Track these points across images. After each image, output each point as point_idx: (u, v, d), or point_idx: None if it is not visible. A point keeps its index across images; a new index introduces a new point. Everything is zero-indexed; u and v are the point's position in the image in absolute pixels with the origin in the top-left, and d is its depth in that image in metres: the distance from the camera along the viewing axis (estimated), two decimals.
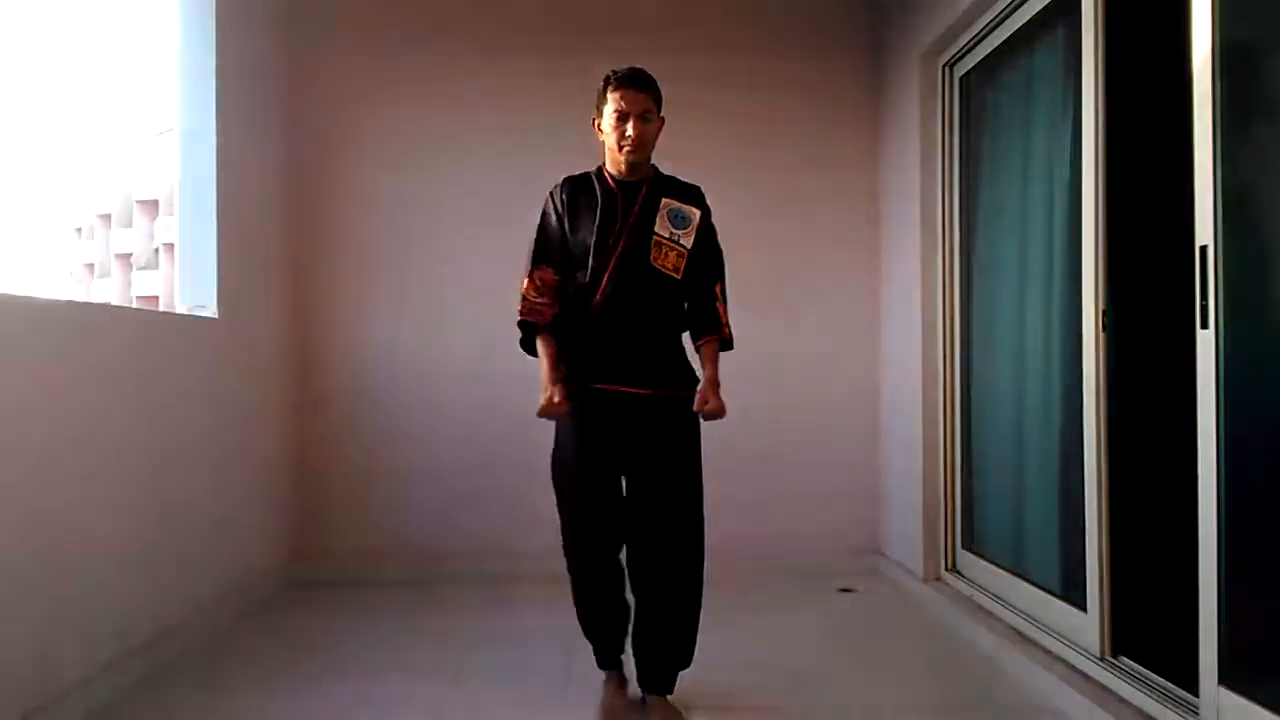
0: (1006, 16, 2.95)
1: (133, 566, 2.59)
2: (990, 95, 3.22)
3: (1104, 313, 2.43)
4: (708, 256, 2.33)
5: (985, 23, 3.05)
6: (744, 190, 3.93)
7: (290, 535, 3.75)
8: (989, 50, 3.12)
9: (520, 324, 2.29)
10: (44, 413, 2.21)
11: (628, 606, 2.37)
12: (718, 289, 2.36)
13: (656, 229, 2.22)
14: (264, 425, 3.52)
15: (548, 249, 2.29)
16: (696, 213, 2.28)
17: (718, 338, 2.34)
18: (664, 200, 2.26)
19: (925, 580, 3.45)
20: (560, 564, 2.41)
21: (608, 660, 2.44)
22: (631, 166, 2.24)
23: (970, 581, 3.24)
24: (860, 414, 3.95)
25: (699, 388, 2.27)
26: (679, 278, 2.24)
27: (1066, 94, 2.63)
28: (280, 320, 3.68)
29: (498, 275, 3.83)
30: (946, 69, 3.44)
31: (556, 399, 2.16)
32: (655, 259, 2.21)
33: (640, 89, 2.19)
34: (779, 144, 3.95)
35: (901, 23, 3.67)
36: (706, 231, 2.31)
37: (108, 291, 31.09)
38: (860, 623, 3.22)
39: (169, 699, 2.45)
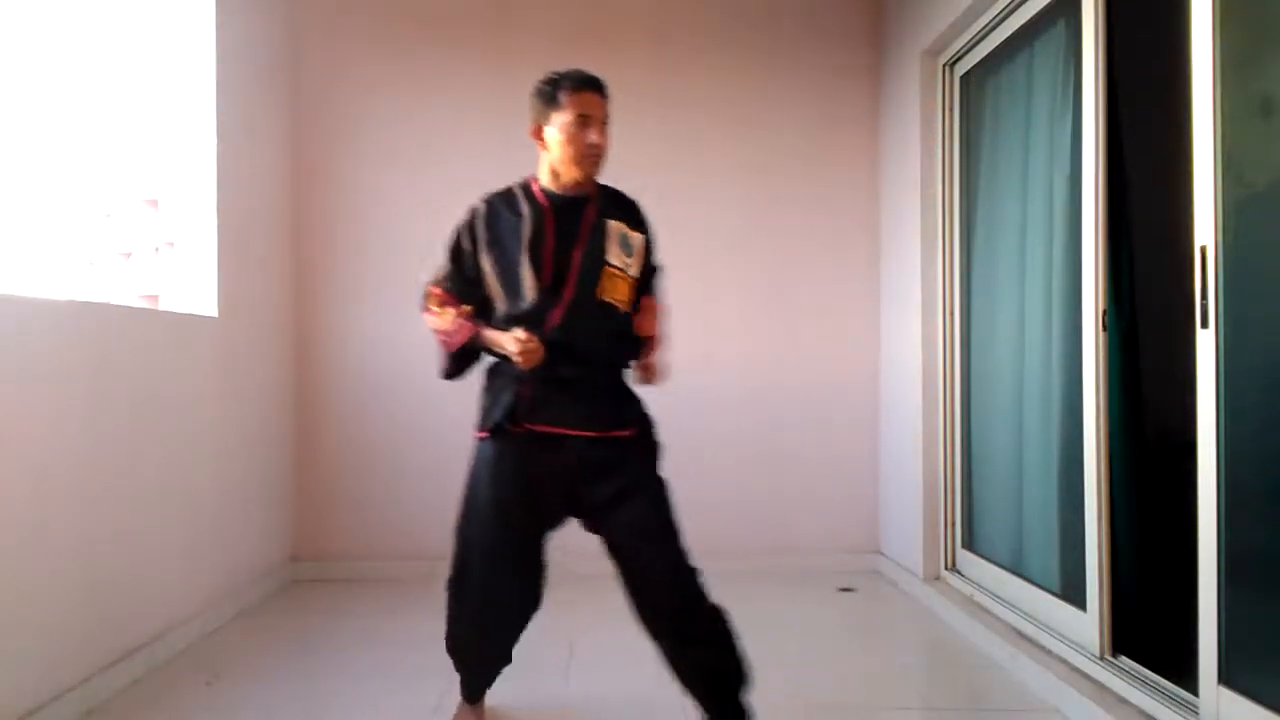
0: (1007, 16, 2.95)
1: (132, 566, 2.60)
2: (991, 95, 3.22)
3: (1104, 313, 2.43)
4: (648, 274, 2.13)
5: (986, 22, 3.05)
6: (743, 189, 3.95)
7: (290, 534, 3.75)
8: (989, 49, 3.12)
9: (450, 356, 2.12)
10: (43, 412, 2.21)
11: (511, 657, 2.25)
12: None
13: (609, 258, 1.99)
14: (263, 424, 3.52)
15: (451, 279, 2.15)
16: (640, 238, 2.07)
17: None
18: (611, 224, 2.03)
19: (925, 580, 3.45)
20: (560, 565, 2.38)
21: (477, 693, 2.26)
22: (588, 179, 2.03)
23: (970, 581, 3.24)
24: (860, 413, 3.96)
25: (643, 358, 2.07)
26: (627, 310, 2.03)
27: (1067, 93, 2.63)
28: (280, 319, 3.68)
29: None
30: (947, 68, 3.44)
31: (529, 337, 1.90)
32: (605, 291, 1.98)
33: (604, 94, 2.00)
34: (778, 143, 3.95)
35: (902, 22, 3.68)
36: (649, 253, 2.11)
37: (108, 290, 31.10)
38: (860, 622, 3.22)
39: (169, 698, 2.45)
